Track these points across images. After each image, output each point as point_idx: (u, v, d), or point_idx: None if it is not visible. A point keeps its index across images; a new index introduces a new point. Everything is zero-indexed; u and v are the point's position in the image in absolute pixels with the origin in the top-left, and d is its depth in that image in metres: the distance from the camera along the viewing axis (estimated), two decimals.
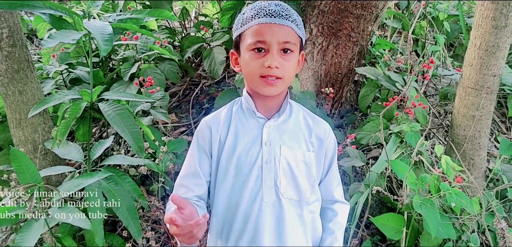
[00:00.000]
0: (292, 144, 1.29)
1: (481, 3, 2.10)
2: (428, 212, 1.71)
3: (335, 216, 1.36)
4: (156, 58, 2.80)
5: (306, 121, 1.35)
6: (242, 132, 1.29)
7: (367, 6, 2.64)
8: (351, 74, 2.95)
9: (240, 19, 1.25)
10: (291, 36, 1.20)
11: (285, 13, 1.19)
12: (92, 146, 2.09)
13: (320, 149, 1.33)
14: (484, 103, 2.18)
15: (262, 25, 1.17)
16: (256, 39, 1.17)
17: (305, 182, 1.29)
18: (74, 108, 1.80)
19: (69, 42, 1.54)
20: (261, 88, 1.21)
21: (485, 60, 2.14)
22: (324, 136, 1.34)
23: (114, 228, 2.33)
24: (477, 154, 2.32)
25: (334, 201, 1.38)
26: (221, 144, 1.29)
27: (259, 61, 1.18)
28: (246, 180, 1.25)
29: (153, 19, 1.78)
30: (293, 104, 1.36)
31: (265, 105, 1.29)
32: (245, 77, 1.28)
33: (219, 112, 1.36)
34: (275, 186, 1.25)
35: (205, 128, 1.32)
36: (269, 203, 1.25)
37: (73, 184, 1.79)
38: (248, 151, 1.26)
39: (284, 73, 1.19)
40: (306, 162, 1.29)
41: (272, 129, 1.27)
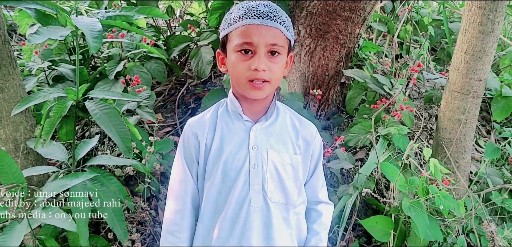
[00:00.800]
0: (279, 147, 1.27)
1: (468, 9, 2.13)
2: (417, 215, 1.72)
3: (319, 217, 1.36)
4: (142, 56, 2.75)
5: (293, 123, 1.33)
6: (228, 136, 1.26)
7: (355, 9, 2.65)
8: (338, 76, 2.96)
9: (228, 18, 1.22)
10: (279, 38, 1.17)
11: (273, 14, 1.16)
12: (77, 146, 2.04)
13: (306, 151, 1.32)
14: (469, 107, 2.21)
15: (250, 26, 1.14)
16: (243, 40, 1.14)
17: (292, 186, 1.27)
18: (60, 107, 1.75)
19: (58, 39, 1.49)
20: (248, 92, 1.18)
21: (472, 65, 2.17)
22: (311, 138, 1.33)
23: (97, 229, 2.28)
24: (461, 157, 2.35)
25: (319, 202, 1.38)
26: (207, 149, 1.26)
27: (246, 63, 1.15)
28: (233, 185, 1.23)
29: (142, 17, 1.75)
30: (279, 105, 1.33)
31: (251, 108, 1.26)
32: (232, 79, 1.25)
33: (204, 115, 1.33)
34: (262, 190, 1.23)
35: (190, 134, 1.29)
36: (257, 208, 1.23)
37: (57, 185, 1.74)
38: (235, 155, 1.24)
39: (271, 76, 1.16)
40: (293, 165, 1.28)
41: (259, 132, 1.25)
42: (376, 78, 2.58)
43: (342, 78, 3.08)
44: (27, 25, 2.69)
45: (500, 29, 2.12)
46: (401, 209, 1.82)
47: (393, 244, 1.96)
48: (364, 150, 2.81)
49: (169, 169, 2.45)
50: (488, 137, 3.64)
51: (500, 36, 2.62)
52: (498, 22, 2.07)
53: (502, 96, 2.53)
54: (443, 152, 2.36)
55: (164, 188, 2.40)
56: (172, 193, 1.31)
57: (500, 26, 2.09)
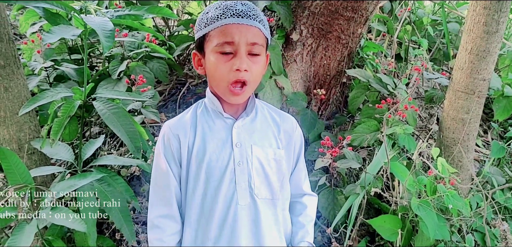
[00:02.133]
0: (263, 143, 1.26)
1: (473, 9, 2.15)
2: (426, 215, 1.73)
3: (304, 209, 1.36)
4: (144, 56, 2.73)
5: (272, 117, 1.32)
6: (209, 135, 1.23)
7: (357, 9, 2.66)
8: (339, 76, 2.97)
9: (204, 18, 1.18)
10: (259, 37, 1.15)
11: (252, 13, 1.14)
12: (83, 146, 2.02)
13: (289, 145, 1.32)
14: (474, 107, 2.23)
15: (229, 25, 1.11)
16: (224, 40, 1.11)
17: (276, 180, 1.26)
18: (67, 106, 1.73)
19: (70, 38, 1.47)
20: (227, 96, 1.17)
21: (476, 64, 2.19)
22: (292, 131, 1.32)
23: (101, 230, 2.26)
24: (465, 156, 2.37)
25: (303, 194, 1.38)
26: (189, 150, 1.23)
27: (228, 64, 1.12)
28: (219, 184, 1.20)
29: (151, 16, 1.73)
30: (257, 101, 1.31)
31: (231, 105, 1.24)
32: (211, 80, 1.22)
33: (183, 116, 1.29)
34: (249, 187, 1.22)
35: (171, 136, 1.24)
36: (244, 205, 1.21)
37: (65, 185, 1.72)
38: (219, 154, 1.21)
39: (251, 76, 1.15)
40: (277, 160, 1.27)
41: (241, 129, 1.24)
42: (380, 78, 2.59)
43: (343, 78, 3.09)
44: (28, 24, 2.66)
45: (504, 29, 2.15)
46: (409, 208, 1.83)
47: (400, 243, 1.97)
48: (366, 149, 2.82)
49: None
50: (485, 137, 3.68)
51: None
52: (502, 22, 2.09)
53: (504, 95, 2.55)
54: (447, 151, 2.38)
55: None
56: (157, 197, 1.26)
57: (504, 26, 2.12)
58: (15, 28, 3.85)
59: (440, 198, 1.84)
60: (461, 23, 3.96)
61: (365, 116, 2.57)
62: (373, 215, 2.53)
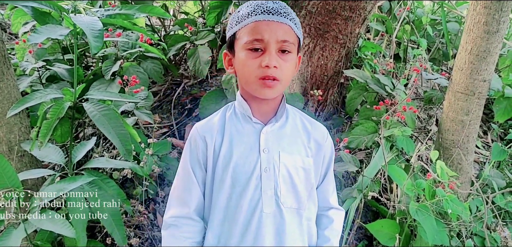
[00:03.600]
0: (291, 149, 1.22)
1: (473, 8, 2.11)
2: (425, 219, 1.69)
3: (330, 223, 1.31)
4: (138, 56, 2.69)
5: (303, 125, 1.28)
6: (237, 139, 1.21)
7: (355, 8, 2.62)
8: (337, 76, 2.92)
9: (235, 17, 1.17)
10: (290, 35, 1.13)
11: (283, 11, 1.13)
12: (74, 148, 1.97)
13: (318, 154, 1.27)
14: (473, 108, 2.18)
15: (260, 22, 1.11)
16: (253, 37, 1.10)
17: (303, 189, 1.23)
18: (57, 108, 1.69)
19: (57, 38, 1.43)
20: (258, 90, 1.13)
21: (476, 65, 2.14)
22: (322, 141, 1.28)
23: (93, 233, 2.22)
24: (464, 159, 2.33)
25: (330, 207, 1.33)
26: (215, 153, 1.21)
27: (256, 61, 1.11)
28: (244, 190, 1.17)
29: (143, 15, 1.69)
30: (289, 107, 1.28)
31: (261, 109, 1.22)
32: (240, 79, 1.20)
33: (212, 118, 1.28)
34: (275, 195, 1.18)
35: (198, 138, 1.22)
36: (269, 213, 1.17)
37: (55, 188, 1.68)
38: (245, 159, 1.18)
39: (281, 74, 1.12)
40: (305, 168, 1.23)
41: (269, 134, 1.20)
42: (378, 78, 2.54)
43: (341, 79, 3.05)
44: (20, 23, 2.61)
45: (505, 29, 2.10)
46: (407, 213, 1.79)
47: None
48: (363, 151, 2.78)
49: (167, 172, 2.40)
50: (485, 138, 3.64)
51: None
52: (503, 22, 2.05)
53: (505, 97, 2.51)
54: (446, 153, 2.33)
55: (161, 191, 2.34)
56: (175, 199, 1.25)
57: (505, 26, 2.07)
58: (10, 27, 3.81)
59: (439, 202, 1.80)
60: (461, 23, 3.92)
61: (363, 118, 2.52)
62: (371, 217, 2.49)
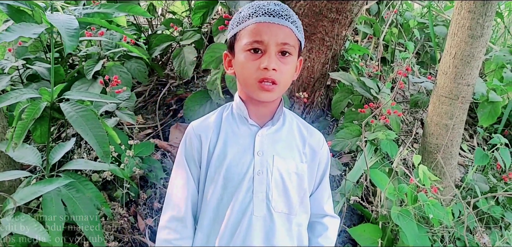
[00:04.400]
0: (286, 154, 1.21)
1: (457, 12, 2.10)
2: (406, 224, 1.68)
3: (325, 230, 1.30)
4: (122, 55, 2.65)
5: (300, 130, 1.27)
6: (232, 139, 1.20)
7: (342, 10, 2.60)
8: (323, 78, 2.90)
9: (236, 18, 1.17)
10: (290, 38, 1.12)
11: (284, 13, 1.12)
12: (51, 149, 1.93)
13: (313, 161, 1.26)
14: (457, 113, 2.18)
15: (260, 24, 1.10)
16: (253, 38, 1.09)
17: (295, 195, 1.22)
18: (33, 108, 1.65)
19: (30, 37, 1.39)
20: (257, 93, 1.12)
21: (460, 69, 2.13)
22: (318, 147, 1.27)
23: (73, 237, 2.18)
24: (448, 163, 2.32)
25: (324, 215, 1.32)
26: (210, 152, 1.20)
27: (256, 62, 1.10)
28: (236, 191, 1.17)
29: (123, 14, 1.66)
30: (287, 112, 1.27)
31: (258, 111, 1.21)
32: (239, 80, 1.19)
33: (208, 117, 1.27)
34: (266, 199, 1.17)
35: (193, 136, 1.22)
36: (260, 217, 1.17)
37: (29, 192, 1.64)
38: (239, 160, 1.18)
39: (280, 77, 1.11)
40: (299, 174, 1.22)
41: (265, 137, 1.19)
42: (363, 81, 2.53)
43: (327, 81, 3.03)
44: (1, 20, 2.55)
45: (490, 34, 2.10)
46: (389, 218, 1.78)
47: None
48: (349, 154, 2.76)
49: (150, 174, 2.36)
50: (470, 141, 3.65)
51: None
52: (487, 27, 2.04)
53: (489, 101, 2.51)
54: (430, 157, 2.32)
55: (144, 193, 2.30)
56: (172, 199, 1.24)
57: (489, 31, 2.07)
58: None
59: (421, 207, 1.79)
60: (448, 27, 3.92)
61: (348, 121, 2.51)
62: (356, 221, 2.48)
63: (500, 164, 2.25)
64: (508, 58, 2.89)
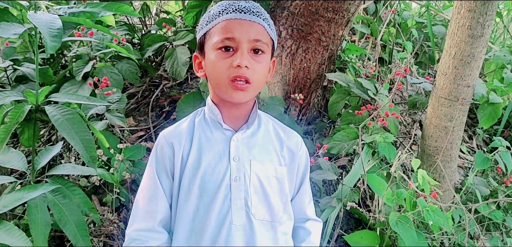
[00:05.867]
0: (263, 158, 1.15)
1: (457, 11, 2.04)
2: (405, 232, 1.62)
3: (308, 235, 1.24)
4: (113, 56, 2.58)
5: (276, 132, 1.21)
6: (206, 146, 1.13)
7: (338, 10, 2.54)
8: (320, 79, 2.85)
9: (206, 17, 1.11)
10: (263, 35, 1.07)
11: (256, 10, 1.07)
12: (38, 153, 1.87)
13: (292, 163, 1.21)
14: (457, 114, 2.12)
15: (231, 21, 1.05)
16: (224, 36, 1.04)
17: (277, 200, 1.15)
18: (16, 112, 1.58)
19: (10, 37, 1.32)
20: (229, 93, 1.06)
21: (460, 70, 2.08)
22: (296, 149, 1.22)
23: (62, 243, 2.12)
24: (448, 166, 2.26)
25: (307, 219, 1.26)
26: (183, 161, 1.13)
27: (227, 61, 1.04)
28: (213, 200, 1.09)
29: (110, 14, 1.59)
30: (261, 114, 1.22)
31: (231, 115, 1.15)
32: (211, 81, 1.13)
33: (180, 124, 1.20)
34: (245, 206, 1.10)
35: (165, 145, 1.15)
36: (239, 226, 1.09)
37: (12, 198, 1.57)
38: (214, 167, 1.11)
39: (254, 76, 1.05)
40: (278, 178, 1.16)
41: (240, 142, 1.13)
42: (360, 82, 2.47)
43: (324, 82, 2.97)
44: None
45: (490, 33, 2.04)
46: (387, 224, 1.72)
47: None
48: (346, 157, 2.70)
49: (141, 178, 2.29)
50: (470, 143, 3.59)
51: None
52: (488, 26, 1.98)
53: (489, 102, 2.45)
54: (429, 160, 2.27)
55: (134, 198, 2.24)
56: (139, 210, 1.15)
57: (489, 30, 2.01)
58: None
59: (420, 213, 1.73)
60: (447, 26, 3.87)
61: (345, 123, 2.45)
62: (353, 225, 2.42)
63: (501, 167, 2.19)
64: (508, 58, 2.83)
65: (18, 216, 1.96)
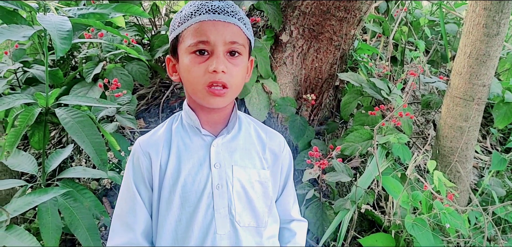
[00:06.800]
0: (245, 163, 1.10)
1: (472, 10, 1.99)
2: (422, 235, 1.58)
3: (293, 236, 1.21)
4: (123, 57, 2.57)
5: (258, 135, 1.16)
6: (185, 154, 1.07)
7: (350, 9, 2.50)
8: (332, 79, 2.81)
9: (177, 17, 1.04)
10: (239, 36, 1.01)
11: (230, 10, 1.01)
12: (48, 156, 1.85)
13: (275, 165, 1.16)
14: (472, 114, 2.07)
15: (204, 22, 0.98)
16: (198, 39, 0.98)
17: (262, 205, 1.11)
18: (26, 114, 1.57)
19: (19, 40, 1.31)
20: (206, 99, 1.00)
21: (475, 69, 2.03)
22: (279, 150, 1.17)
23: (73, 246, 2.11)
24: (463, 166, 2.21)
25: (291, 220, 1.23)
26: (162, 171, 1.07)
27: (202, 66, 0.98)
28: (195, 210, 1.04)
29: (120, 15, 1.57)
30: (242, 116, 1.16)
31: (210, 119, 1.09)
32: (186, 86, 1.06)
33: (156, 131, 1.14)
34: (229, 214, 1.06)
35: (141, 154, 1.08)
36: (224, 235, 1.05)
37: (23, 202, 1.55)
38: (195, 176, 1.06)
39: (231, 80, 1.00)
40: (262, 182, 1.11)
41: (220, 147, 1.08)
42: (373, 82, 2.43)
43: (335, 82, 2.93)
44: None
45: (506, 32, 1.99)
46: (403, 226, 1.68)
47: None
48: (359, 157, 2.66)
49: None
50: (483, 142, 3.53)
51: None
52: (503, 24, 1.93)
53: (505, 102, 2.39)
54: (444, 161, 2.22)
55: None
56: (118, 223, 1.09)
57: (506, 29, 1.96)
58: None
59: (436, 215, 1.69)
60: (459, 24, 3.81)
61: (358, 123, 2.41)
62: (366, 227, 2.38)
63: None
64: None
65: (28, 220, 1.94)
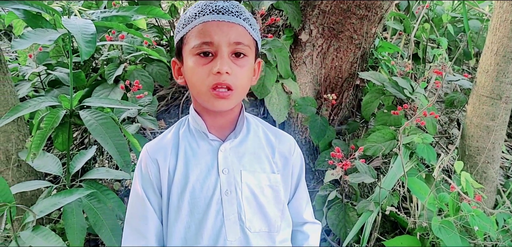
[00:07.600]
0: (254, 167, 1.08)
1: (499, 5, 1.94)
2: (449, 238, 1.54)
3: (306, 239, 1.19)
4: (143, 59, 2.58)
5: (267, 137, 1.14)
6: (193, 159, 1.05)
7: (371, 7, 2.47)
8: (352, 78, 2.78)
9: (182, 19, 1.03)
10: (244, 37, 0.99)
11: (235, 10, 0.99)
12: (72, 158, 1.87)
13: (285, 169, 1.14)
14: (500, 113, 2.02)
15: (209, 23, 0.96)
16: (201, 40, 0.96)
17: (273, 210, 1.09)
18: (51, 117, 1.58)
19: (45, 43, 1.32)
20: (211, 102, 0.98)
21: (503, 67, 1.98)
22: (289, 153, 1.14)
23: (96, 246, 2.13)
24: (490, 167, 2.16)
25: (304, 222, 1.20)
26: (170, 177, 1.05)
27: (206, 67, 0.96)
28: (204, 217, 1.03)
29: (142, 17, 1.57)
30: (250, 119, 1.14)
31: (217, 123, 1.07)
32: (191, 89, 1.04)
33: (164, 136, 1.12)
34: (239, 220, 1.04)
35: (149, 161, 1.07)
36: (234, 241, 1.03)
37: (49, 203, 1.57)
38: (203, 182, 1.04)
39: (236, 82, 0.97)
40: (272, 186, 1.09)
41: (228, 152, 1.06)
42: (396, 81, 2.39)
43: (356, 81, 2.90)
44: (22, 26, 2.52)
45: None
46: (430, 229, 1.64)
47: None
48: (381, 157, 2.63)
49: None
50: (509, 141, 3.45)
51: None
52: None
53: None
54: (470, 161, 2.17)
55: None
56: (130, 232, 1.09)
57: None
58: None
59: (463, 217, 1.65)
60: (482, 20, 3.73)
61: (380, 123, 2.37)
62: (389, 229, 2.35)
63: None
64: None
65: (53, 220, 1.97)
